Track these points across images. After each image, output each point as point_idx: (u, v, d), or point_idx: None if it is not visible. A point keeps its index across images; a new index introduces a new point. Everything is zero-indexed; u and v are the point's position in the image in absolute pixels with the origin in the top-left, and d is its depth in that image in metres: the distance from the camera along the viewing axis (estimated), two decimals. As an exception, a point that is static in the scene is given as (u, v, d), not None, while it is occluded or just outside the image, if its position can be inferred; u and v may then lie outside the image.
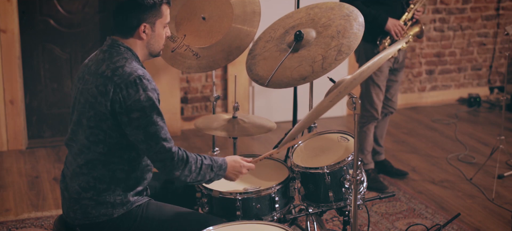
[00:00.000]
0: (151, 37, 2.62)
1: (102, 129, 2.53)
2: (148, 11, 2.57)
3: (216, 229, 2.47)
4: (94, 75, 2.55)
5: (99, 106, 2.51)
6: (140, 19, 2.57)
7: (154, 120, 2.49)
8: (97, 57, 2.61)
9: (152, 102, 2.49)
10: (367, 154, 4.52)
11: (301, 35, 2.96)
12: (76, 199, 2.59)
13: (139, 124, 2.48)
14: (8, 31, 5.00)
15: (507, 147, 5.08)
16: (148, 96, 2.49)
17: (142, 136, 2.49)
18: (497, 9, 6.63)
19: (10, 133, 5.16)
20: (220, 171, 2.65)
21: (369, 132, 4.49)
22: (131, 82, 2.49)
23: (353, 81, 2.44)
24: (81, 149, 2.58)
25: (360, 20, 2.92)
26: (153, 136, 2.49)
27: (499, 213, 4.12)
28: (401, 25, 4.18)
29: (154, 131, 2.49)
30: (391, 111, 4.61)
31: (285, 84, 2.91)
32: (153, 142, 2.49)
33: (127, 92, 2.48)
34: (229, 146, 5.28)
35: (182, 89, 5.70)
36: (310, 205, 2.87)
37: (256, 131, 3.23)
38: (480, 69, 6.76)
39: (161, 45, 2.67)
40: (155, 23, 2.60)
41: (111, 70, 2.52)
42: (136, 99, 2.47)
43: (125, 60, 2.55)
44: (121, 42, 2.60)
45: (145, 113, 2.48)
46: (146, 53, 2.66)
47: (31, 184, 4.54)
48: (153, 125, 2.49)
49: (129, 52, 2.59)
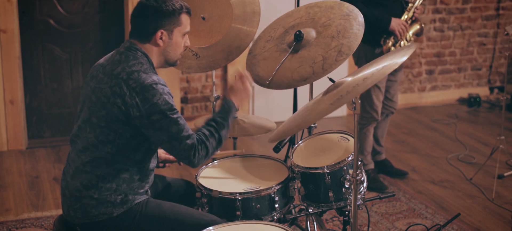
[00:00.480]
0: (168, 44, 2.62)
1: (112, 129, 2.54)
2: (167, 17, 2.58)
3: (216, 229, 2.47)
4: (109, 76, 2.55)
5: (111, 107, 2.52)
6: (158, 25, 2.58)
7: (175, 119, 2.51)
8: (113, 58, 2.61)
9: (170, 105, 2.52)
10: (367, 155, 4.52)
11: (301, 35, 2.96)
12: (77, 197, 2.59)
13: (161, 125, 2.50)
14: (8, 31, 5.00)
15: (507, 147, 5.08)
16: (165, 100, 2.51)
17: (165, 137, 2.52)
18: (497, 9, 6.63)
19: (10, 133, 5.16)
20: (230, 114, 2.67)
21: (369, 133, 4.49)
22: (146, 87, 2.50)
23: (355, 87, 2.42)
24: (87, 146, 2.58)
25: (360, 19, 2.91)
26: (176, 136, 2.52)
27: (499, 213, 4.12)
28: (405, 24, 4.17)
29: (177, 130, 2.52)
30: (392, 112, 4.60)
31: (286, 85, 2.91)
32: (176, 141, 2.52)
33: (144, 97, 2.49)
34: (229, 146, 5.27)
35: (182, 89, 5.70)
36: (310, 205, 2.87)
37: (256, 131, 3.24)
38: (480, 69, 6.76)
39: (179, 54, 2.68)
40: (173, 31, 2.61)
41: (126, 73, 2.52)
42: (154, 103, 2.49)
43: (140, 65, 2.55)
44: (138, 47, 2.60)
45: (165, 115, 2.50)
46: (162, 60, 2.66)
47: (31, 184, 4.54)
48: (175, 124, 2.52)
49: (145, 58, 2.59)
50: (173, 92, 5.56)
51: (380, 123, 4.59)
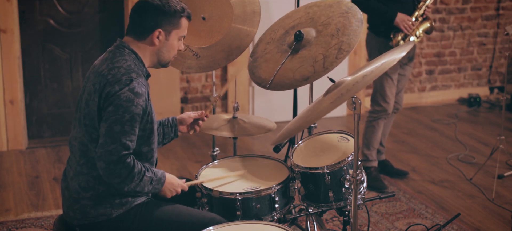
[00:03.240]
0: (164, 45, 2.60)
1: (94, 127, 2.52)
2: (167, 18, 2.56)
3: (216, 229, 2.47)
4: (95, 74, 2.56)
5: (92, 104, 2.51)
6: (157, 24, 2.56)
7: (123, 120, 2.45)
8: (103, 57, 2.62)
9: (131, 105, 2.45)
10: (372, 150, 4.50)
11: (301, 35, 2.96)
12: (76, 198, 2.59)
13: (108, 117, 2.45)
14: (8, 31, 5.00)
15: (507, 147, 5.07)
16: (129, 97, 2.44)
17: (104, 129, 2.45)
18: (497, 9, 6.63)
19: (10, 133, 5.16)
20: (158, 184, 2.60)
21: (378, 127, 4.47)
22: (120, 81, 2.47)
23: (355, 85, 2.42)
24: (80, 147, 2.58)
25: (359, 16, 2.92)
26: (113, 134, 2.44)
27: (499, 213, 4.12)
28: (410, 20, 4.20)
29: (117, 130, 2.44)
30: (397, 108, 4.59)
31: (288, 85, 2.91)
32: (110, 139, 2.44)
33: (113, 88, 2.46)
34: (229, 146, 5.27)
35: (182, 89, 5.70)
36: (310, 205, 2.87)
37: (256, 131, 3.24)
38: (480, 69, 6.76)
39: (172, 56, 2.65)
40: (171, 33, 2.59)
41: (108, 69, 2.51)
42: (116, 94, 2.44)
43: (124, 62, 2.53)
44: (127, 45, 2.59)
45: (117, 110, 2.44)
46: (155, 60, 2.64)
47: (31, 184, 4.54)
48: (119, 124, 2.44)
49: (132, 55, 2.57)
50: (173, 92, 5.57)
51: None
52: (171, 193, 2.67)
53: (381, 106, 4.41)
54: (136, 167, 2.49)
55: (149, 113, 2.55)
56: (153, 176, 2.57)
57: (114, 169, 2.46)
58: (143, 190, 2.55)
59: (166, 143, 2.92)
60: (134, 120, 2.46)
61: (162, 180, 2.61)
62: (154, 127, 2.61)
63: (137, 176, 2.50)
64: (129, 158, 2.47)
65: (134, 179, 2.49)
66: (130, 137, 2.46)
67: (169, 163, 4.96)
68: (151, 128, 2.59)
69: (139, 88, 2.48)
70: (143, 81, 2.54)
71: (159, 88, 5.46)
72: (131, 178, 2.48)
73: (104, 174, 2.48)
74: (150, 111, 2.56)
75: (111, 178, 2.47)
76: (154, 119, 2.62)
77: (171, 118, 2.92)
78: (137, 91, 2.47)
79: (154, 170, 2.59)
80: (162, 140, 2.89)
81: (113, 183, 2.49)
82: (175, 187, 2.67)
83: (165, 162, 4.95)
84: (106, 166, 2.46)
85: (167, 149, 5.18)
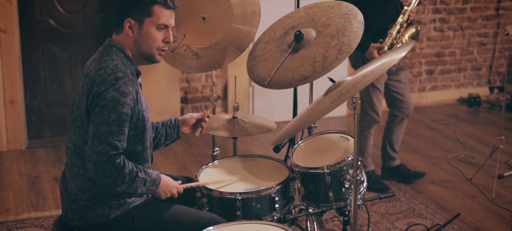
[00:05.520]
0: (138, 35, 2.56)
1: (86, 129, 2.52)
2: (133, 6, 2.54)
3: (216, 229, 2.47)
4: (84, 75, 2.55)
5: (81, 106, 2.51)
6: (125, 14, 2.55)
7: (109, 121, 2.43)
8: (92, 58, 2.61)
9: (117, 104, 2.43)
10: (367, 157, 4.50)
11: (301, 35, 2.96)
12: (74, 200, 2.59)
13: (95, 118, 2.43)
14: (8, 31, 5.00)
15: (507, 147, 5.08)
16: (114, 97, 2.43)
17: (91, 131, 2.44)
18: (497, 9, 6.63)
19: (10, 133, 5.16)
20: (153, 186, 2.58)
21: (370, 135, 4.47)
22: (106, 81, 2.45)
23: (355, 85, 2.43)
24: (76, 149, 2.58)
25: (359, 18, 2.92)
26: (100, 135, 2.42)
27: (499, 213, 4.12)
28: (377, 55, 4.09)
29: (104, 131, 2.43)
30: (407, 114, 4.49)
31: (287, 84, 2.91)
32: (97, 141, 2.43)
33: (99, 88, 2.44)
34: (229, 146, 5.27)
35: (182, 89, 5.70)
36: (310, 205, 2.87)
37: (256, 131, 3.24)
38: (480, 69, 6.76)
39: (152, 48, 2.57)
40: (143, 21, 2.54)
41: (95, 70, 2.50)
42: (102, 95, 2.43)
43: (111, 61, 2.51)
44: (115, 44, 2.58)
45: (103, 111, 2.42)
46: (136, 53, 2.59)
47: (31, 184, 4.54)
48: (105, 125, 2.43)
49: (120, 53, 2.56)
50: (173, 92, 5.57)
51: (395, 127, 4.52)
52: (166, 194, 2.66)
53: (369, 116, 4.40)
54: (126, 167, 2.47)
55: (139, 112, 2.53)
56: (147, 177, 2.54)
57: (103, 170, 2.44)
58: (136, 191, 2.53)
59: (168, 144, 2.91)
60: (121, 119, 2.44)
61: (157, 181, 2.59)
62: (146, 125, 2.59)
63: (128, 177, 2.47)
64: (118, 158, 2.45)
65: (125, 180, 2.47)
66: (118, 136, 2.44)
67: (169, 163, 4.96)
68: (143, 126, 2.57)
69: (125, 87, 2.46)
70: (131, 79, 2.51)
71: (159, 88, 5.46)
72: (122, 179, 2.46)
73: (94, 175, 2.46)
74: (140, 110, 2.54)
75: (102, 179, 2.46)
76: (147, 116, 2.59)
77: (173, 119, 2.91)
78: (123, 91, 2.45)
79: (148, 171, 2.57)
80: (164, 141, 2.89)
81: (104, 184, 2.48)
82: (170, 188, 2.66)
83: (165, 162, 4.95)
84: (96, 168, 2.44)
85: (167, 149, 5.18)
